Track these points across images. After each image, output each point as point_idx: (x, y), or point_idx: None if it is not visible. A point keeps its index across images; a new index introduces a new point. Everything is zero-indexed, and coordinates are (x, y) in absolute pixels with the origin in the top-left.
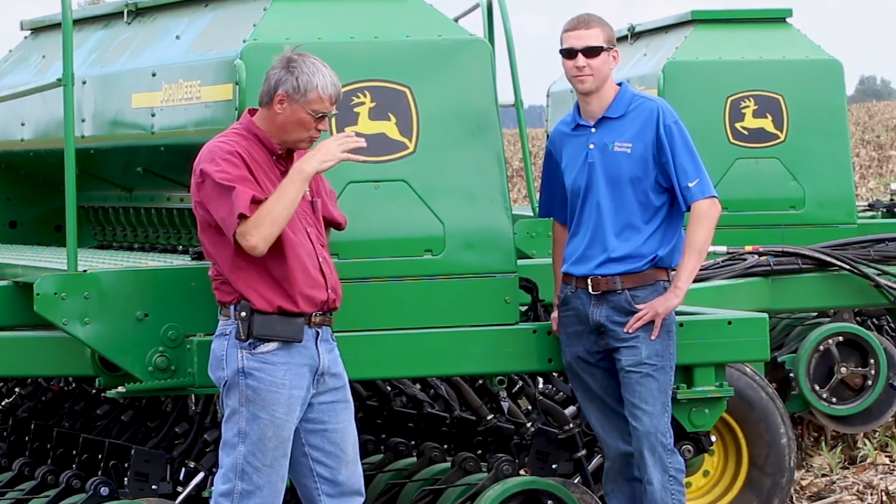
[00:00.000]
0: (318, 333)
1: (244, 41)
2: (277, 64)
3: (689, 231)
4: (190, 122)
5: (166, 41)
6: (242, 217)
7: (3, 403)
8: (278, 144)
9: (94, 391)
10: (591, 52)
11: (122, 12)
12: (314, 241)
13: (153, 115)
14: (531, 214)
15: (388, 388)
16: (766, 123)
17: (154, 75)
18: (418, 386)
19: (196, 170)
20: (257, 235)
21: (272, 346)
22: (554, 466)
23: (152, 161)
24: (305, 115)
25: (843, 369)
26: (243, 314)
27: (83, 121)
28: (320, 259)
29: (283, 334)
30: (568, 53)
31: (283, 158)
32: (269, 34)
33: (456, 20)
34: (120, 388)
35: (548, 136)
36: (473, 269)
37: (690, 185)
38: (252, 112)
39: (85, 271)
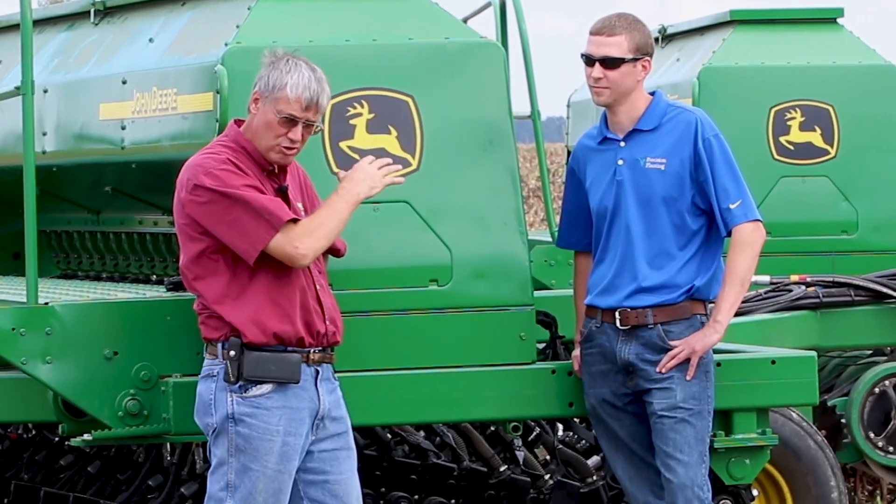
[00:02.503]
0: (317, 372)
1: (226, 44)
2: (264, 62)
3: (730, 259)
4: (165, 136)
5: (138, 44)
6: (288, 223)
7: None
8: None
9: (56, 439)
10: (610, 63)
11: (89, 12)
12: (311, 267)
13: (123, 128)
14: (549, 240)
15: (389, 436)
16: (815, 137)
17: (124, 83)
18: (422, 433)
19: (187, 185)
20: (308, 244)
21: (266, 388)
22: None
23: (122, 180)
24: (273, 117)
25: None
26: (232, 353)
27: (44, 134)
28: (317, 287)
29: (278, 375)
30: (586, 60)
31: (276, 173)
32: (254, 36)
33: (465, 21)
34: (86, 436)
35: (568, 151)
36: (484, 302)
37: (732, 206)
38: (239, 123)
39: (46, 304)
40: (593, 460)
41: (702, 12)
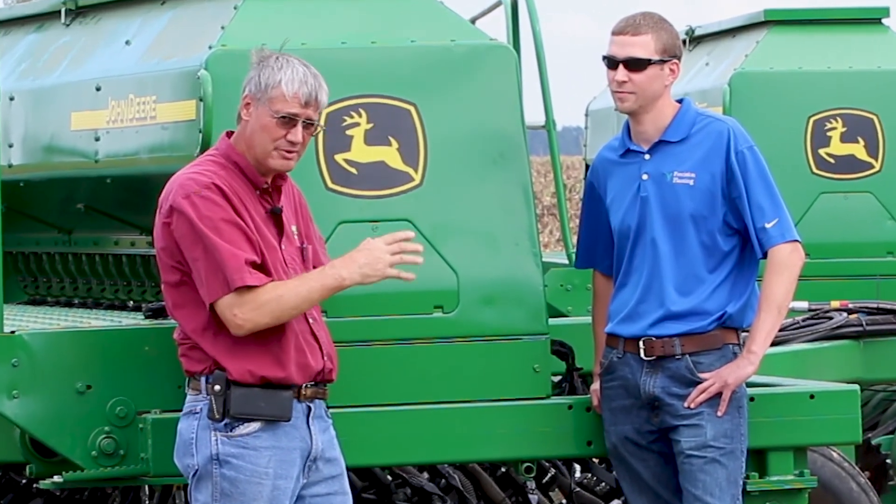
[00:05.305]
0: (309, 409)
1: (210, 47)
2: (251, 63)
3: (766, 283)
4: (143, 148)
5: (114, 47)
6: (242, 288)
7: None
8: (258, 169)
9: (24, 481)
10: (635, 64)
11: (59, 12)
12: None
13: (97, 140)
14: (566, 262)
15: (389, 478)
16: (858, 149)
17: (98, 90)
18: (426, 475)
19: (162, 207)
20: (249, 317)
21: (254, 426)
22: None
23: (96, 196)
24: (269, 119)
25: None
26: (217, 388)
27: (10, 146)
28: (310, 320)
29: (268, 412)
30: (608, 62)
31: (269, 192)
32: (240, 39)
33: (473, 21)
34: (56, 478)
35: (586, 164)
36: (494, 331)
37: (767, 226)
38: (231, 135)
39: (13, 333)
40: None
41: (736, 12)
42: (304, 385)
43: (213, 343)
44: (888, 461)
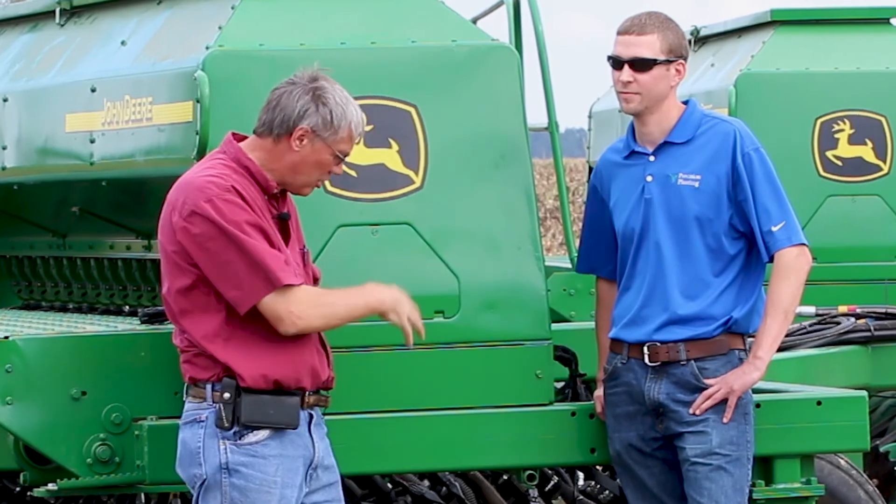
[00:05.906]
0: (311, 416)
1: (207, 48)
2: (297, 87)
3: (772, 287)
4: (139, 151)
5: (109, 48)
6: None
7: None
8: (277, 183)
9: (17, 489)
10: (640, 65)
11: (54, 12)
12: None
13: (92, 142)
14: (568, 266)
15: (389, 486)
16: (866, 151)
17: (94, 91)
18: (427, 482)
19: (177, 209)
20: (306, 315)
21: (262, 434)
22: None
23: (91, 199)
24: (328, 157)
25: None
26: (227, 395)
27: (4, 148)
28: None
29: (277, 420)
30: (613, 63)
31: (277, 198)
32: (238, 39)
33: (474, 21)
34: (51, 486)
35: (590, 167)
36: (496, 336)
37: (774, 229)
38: (237, 137)
39: (7, 338)
40: None
41: (742, 12)
42: (307, 392)
43: (225, 349)
44: None
